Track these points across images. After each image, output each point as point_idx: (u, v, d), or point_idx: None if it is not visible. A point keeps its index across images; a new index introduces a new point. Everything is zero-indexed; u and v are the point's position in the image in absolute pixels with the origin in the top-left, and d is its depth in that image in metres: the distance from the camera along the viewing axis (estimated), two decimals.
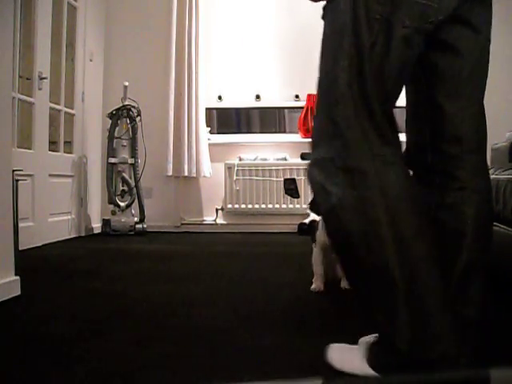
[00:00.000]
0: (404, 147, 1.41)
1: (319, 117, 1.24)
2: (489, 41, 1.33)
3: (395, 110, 1.31)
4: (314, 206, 2.29)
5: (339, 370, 1.27)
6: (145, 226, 4.69)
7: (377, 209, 1.12)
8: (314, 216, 2.37)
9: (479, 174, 1.35)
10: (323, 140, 1.19)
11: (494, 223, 2.19)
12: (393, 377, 1.23)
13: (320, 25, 1.32)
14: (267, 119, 5.42)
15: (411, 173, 1.34)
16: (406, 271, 1.11)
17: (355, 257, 1.16)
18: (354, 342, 1.56)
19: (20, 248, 2.45)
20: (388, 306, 1.13)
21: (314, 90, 1.30)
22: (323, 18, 1.27)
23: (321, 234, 2.25)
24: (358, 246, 1.13)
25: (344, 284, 2.18)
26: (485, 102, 1.41)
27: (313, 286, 2.24)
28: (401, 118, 1.48)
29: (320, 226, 2.28)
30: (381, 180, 1.14)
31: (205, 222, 5.08)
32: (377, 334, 1.24)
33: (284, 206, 4.85)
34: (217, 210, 5.05)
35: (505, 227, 2.10)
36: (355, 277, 1.21)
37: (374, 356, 1.22)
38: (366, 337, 1.29)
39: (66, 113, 4.35)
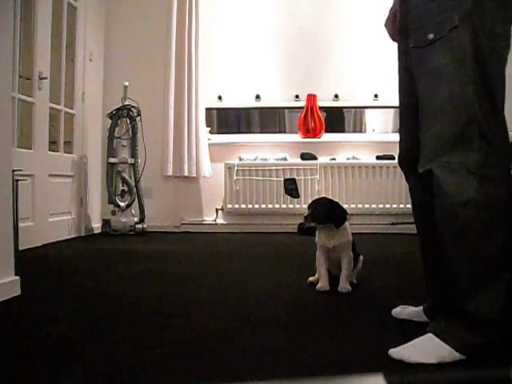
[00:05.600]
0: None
1: (445, 130, 1.40)
2: None
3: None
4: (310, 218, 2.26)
5: (416, 362, 1.33)
6: (145, 226, 4.70)
7: (499, 208, 1.36)
8: None
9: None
10: (454, 150, 1.38)
11: None
12: (400, 376, 1.23)
13: (320, 25, 1.32)
14: (267, 119, 5.42)
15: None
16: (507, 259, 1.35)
17: (472, 242, 1.36)
18: (355, 341, 1.56)
19: (20, 248, 2.45)
20: (487, 283, 1.34)
21: (313, 90, 1.32)
22: (428, 49, 1.42)
23: (320, 237, 2.27)
24: (479, 234, 1.35)
25: (341, 289, 2.19)
26: None
27: (319, 286, 2.25)
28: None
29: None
30: (509, 186, 1.37)
31: (205, 222, 5.08)
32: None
33: (284, 205, 4.85)
34: (217, 210, 5.05)
35: None
36: (460, 259, 1.37)
37: (456, 338, 1.34)
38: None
39: (66, 113, 4.36)
